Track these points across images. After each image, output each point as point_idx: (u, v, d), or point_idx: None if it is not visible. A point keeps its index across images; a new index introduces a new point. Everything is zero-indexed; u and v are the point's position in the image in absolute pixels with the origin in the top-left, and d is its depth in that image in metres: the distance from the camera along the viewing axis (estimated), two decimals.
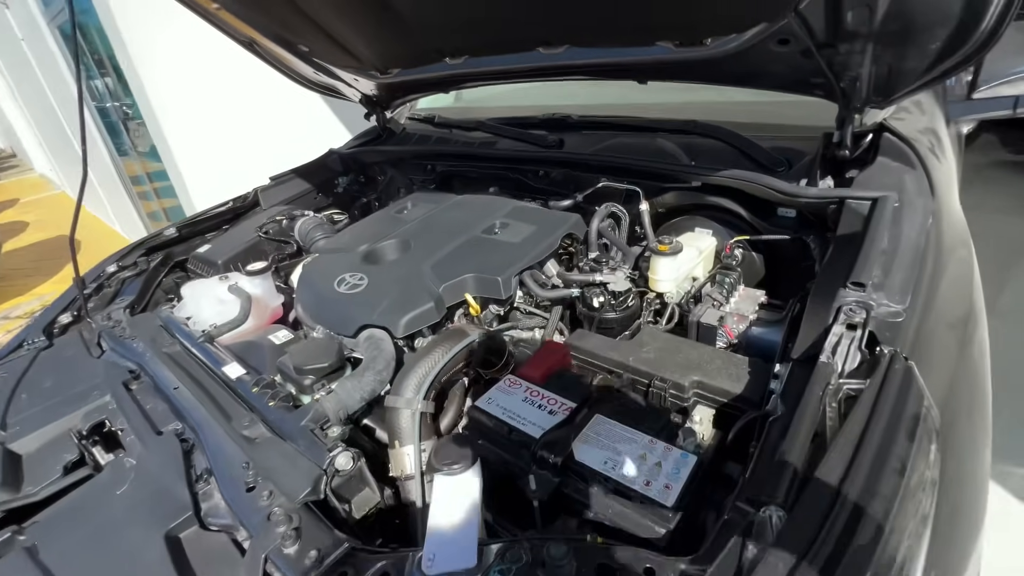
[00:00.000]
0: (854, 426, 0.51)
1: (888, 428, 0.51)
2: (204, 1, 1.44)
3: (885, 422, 0.52)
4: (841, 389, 0.57)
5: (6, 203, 9.09)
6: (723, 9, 0.89)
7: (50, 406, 0.90)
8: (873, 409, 0.53)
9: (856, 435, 0.50)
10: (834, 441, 0.50)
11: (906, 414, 0.53)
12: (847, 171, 1.03)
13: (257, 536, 0.58)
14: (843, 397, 0.57)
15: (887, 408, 0.53)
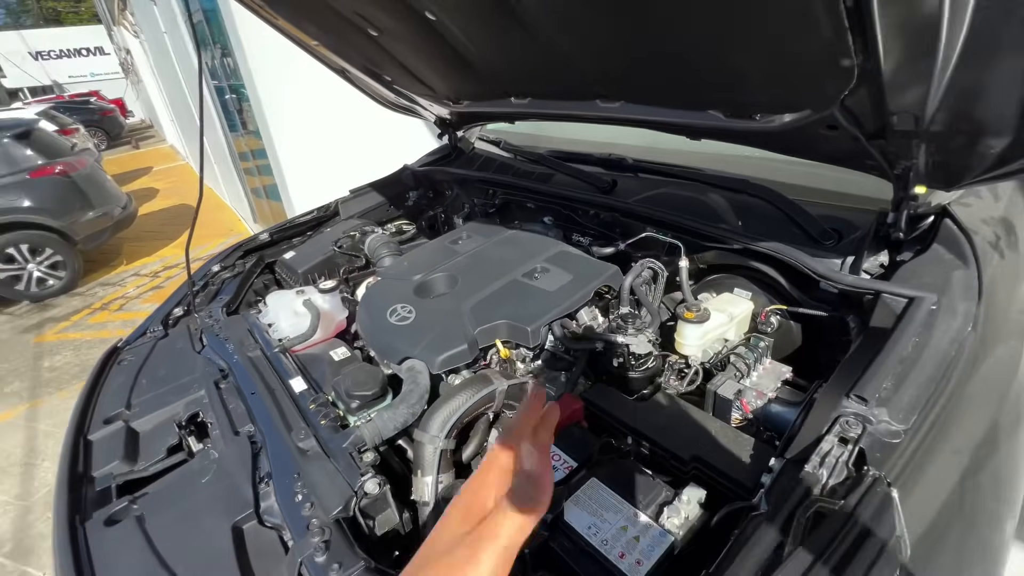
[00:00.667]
0: (812, 547, 0.55)
1: (846, 555, 0.54)
2: (305, 38, 1.63)
3: (845, 548, 0.55)
4: (815, 504, 0.60)
5: (142, 171, 10.50)
6: (769, 94, 0.89)
7: (161, 393, 1.12)
8: (836, 533, 0.56)
9: (809, 558, 0.54)
10: (787, 559, 0.55)
11: (870, 543, 0.56)
12: (902, 252, 1.00)
13: (298, 542, 0.73)
14: (813, 513, 0.60)
15: (851, 534, 0.56)
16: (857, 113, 0.81)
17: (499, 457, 0.49)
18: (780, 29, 0.71)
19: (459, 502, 0.47)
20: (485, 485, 0.47)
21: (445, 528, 0.45)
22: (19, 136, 5.01)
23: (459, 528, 0.44)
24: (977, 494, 0.68)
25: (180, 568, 0.72)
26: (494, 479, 0.48)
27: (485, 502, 0.46)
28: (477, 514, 0.45)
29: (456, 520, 0.45)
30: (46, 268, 5.13)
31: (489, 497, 0.46)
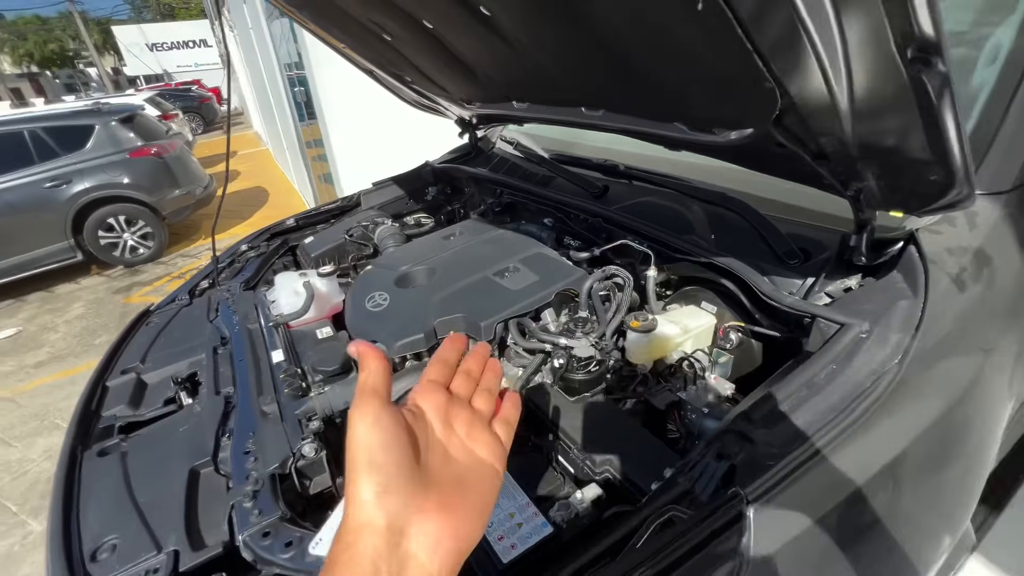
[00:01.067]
0: (643, 551, 0.58)
1: (675, 563, 0.57)
2: (333, 40, 1.77)
3: (678, 555, 0.57)
4: (668, 512, 0.62)
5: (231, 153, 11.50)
6: (714, 110, 0.89)
7: (172, 352, 1.29)
8: (673, 540, 0.58)
9: (637, 560, 0.57)
10: (620, 558, 0.58)
11: (705, 555, 0.58)
12: (867, 277, 0.96)
13: (235, 488, 0.84)
14: (665, 520, 0.62)
15: (688, 544, 0.58)
16: (797, 134, 0.80)
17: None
18: (703, 48, 0.73)
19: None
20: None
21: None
22: (124, 120, 5.69)
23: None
24: (849, 528, 0.66)
25: (142, 498, 0.86)
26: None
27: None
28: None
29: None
30: (138, 238, 5.81)
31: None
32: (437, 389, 0.47)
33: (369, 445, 0.38)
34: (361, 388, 0.42)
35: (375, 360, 0.43)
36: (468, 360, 0.53)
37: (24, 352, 4.48)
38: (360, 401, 0.41)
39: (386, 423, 0.40)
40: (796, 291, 1.00)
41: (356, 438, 0.39)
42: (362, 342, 0.45)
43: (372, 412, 0.40)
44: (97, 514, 0.83)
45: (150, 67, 21.76)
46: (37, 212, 5.24)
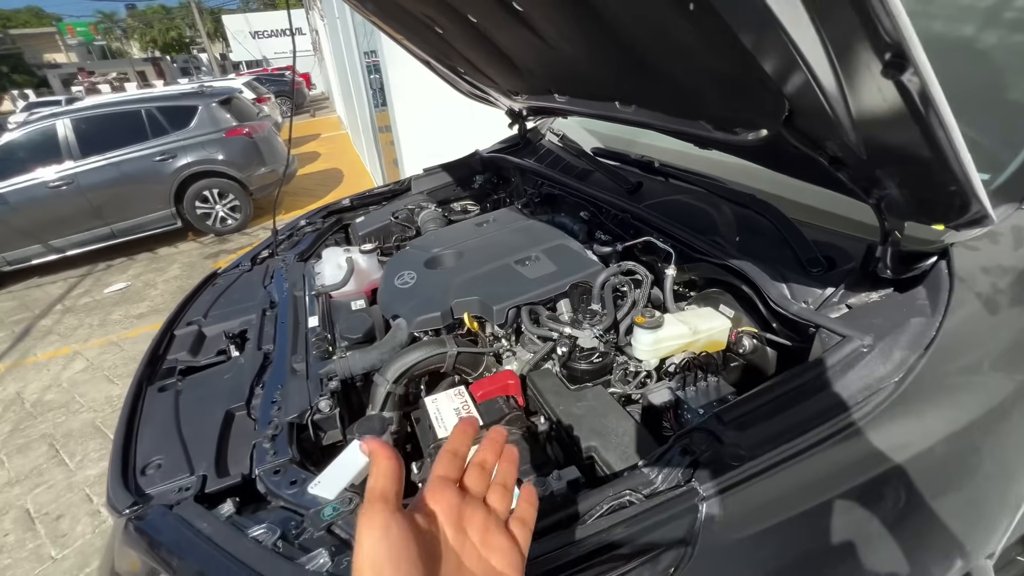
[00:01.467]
0: (590, 528, 0.61)
1: (614, 544, 0.60)
2: (393, 32, 1.88)
3: (618, 537, 0.60)
4: (623, 496, 0.65)
5: (311, 136, 12.29)
6: (730, 109, 0.87)
7: (228, 311, 1.46)
8: (619, 523, 0.61)
9: (580, 535, 0.60)
10: (564, 531, 0.62)
11: (648, 540, 0.60)
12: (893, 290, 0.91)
13: (259, 430, 0.96)
14: (618, 503, 0.65)
15: (634, 528, 0.61)
16: (811, 136, 0.77)
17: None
18: (707, 49, 0.72)
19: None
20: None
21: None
22: (223, 102, 6.27)
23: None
24: (828, 537, 0.64)
25: (186, 429, 1.00)
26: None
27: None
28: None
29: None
30: (228, 210, 6.41)
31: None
32: (448, 487, 0.44)
33: (376, 560, 0.36)
34: (370, 494, 0.39)
35: (385, 460, 0.41)
36: (482, 450, 0.49)
37: (130, 304, 5.13)
38: (368, 509, 0.38)
39: (395, 535, 0.37)
40: (814, 301, 0.96)
41: (363, 551, 0.37)
42: (373, 439, 0.43)
43: (381, 523, 0.37)
44: (151, 438, 0.99)
45: (252, 53, 23.67)
46: (148, 182, 5.93)
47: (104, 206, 5.81)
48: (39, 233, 5.66)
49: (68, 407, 3.66)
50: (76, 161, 5.66)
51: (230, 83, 11.74)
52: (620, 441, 0.89)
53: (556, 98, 1.60)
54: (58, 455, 3.19)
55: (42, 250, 5.75)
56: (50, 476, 3.02)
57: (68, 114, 5.76)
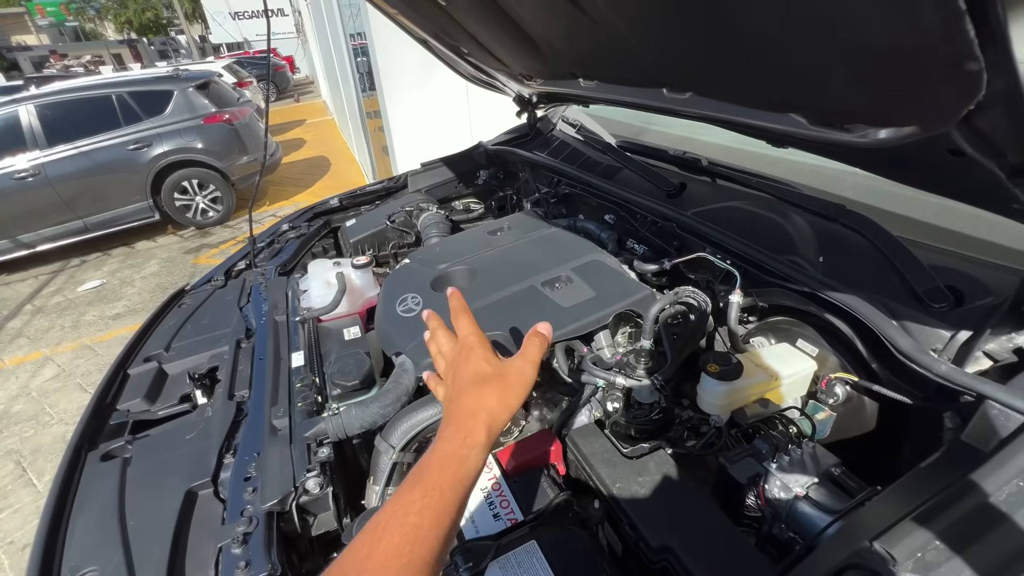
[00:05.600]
0: None
1: None
2: (386, 7, 1.61)
3: None
4: None
5: (296, 122, 11.83)
6: (858, 101, 0.65)
7: (197, 342, 1.22)
8: None
9: None
10: None
11: None
12: None
13: (227, 525, 0.74)
14: None
15: None
16: (992, 137, 0.55)
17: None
18: (865, 13, 0.49)
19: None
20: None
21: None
22: (200, 87, 5.88)
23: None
24: None
25: (132, 519, 0.77)
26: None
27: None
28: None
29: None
30: (208, 201, 6.07)
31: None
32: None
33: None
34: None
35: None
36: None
37: (105, 303, 4.83)
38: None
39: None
40: (943, 346, 0.75)
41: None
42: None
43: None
44: (84, 536, 0.76)
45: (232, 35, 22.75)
46: (121, 173, 5.57)
47: (75, 198, 5.46)
48: (6, 227, 5.30)
49: (37, 419, 3.40)
50: (43, 150, 5.27)
51: (208, 66, 11.19)
52: (703, 539, 0.68)
53: (580, 83, 1.36)
54: (25, 474, 2.94)
55: (10, 245, 5.39)
56: (16, 499, 2.78)
57: (32, 100, 5.35)
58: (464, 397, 0.57)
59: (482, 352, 0.62)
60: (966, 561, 0.47)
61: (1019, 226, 0.70)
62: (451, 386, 0.61)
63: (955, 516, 0.50)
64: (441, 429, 0.56)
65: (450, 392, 0.60)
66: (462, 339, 0.64)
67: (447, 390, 0.62)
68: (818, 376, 0.91)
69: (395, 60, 3.72)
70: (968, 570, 0.47)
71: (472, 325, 0.65)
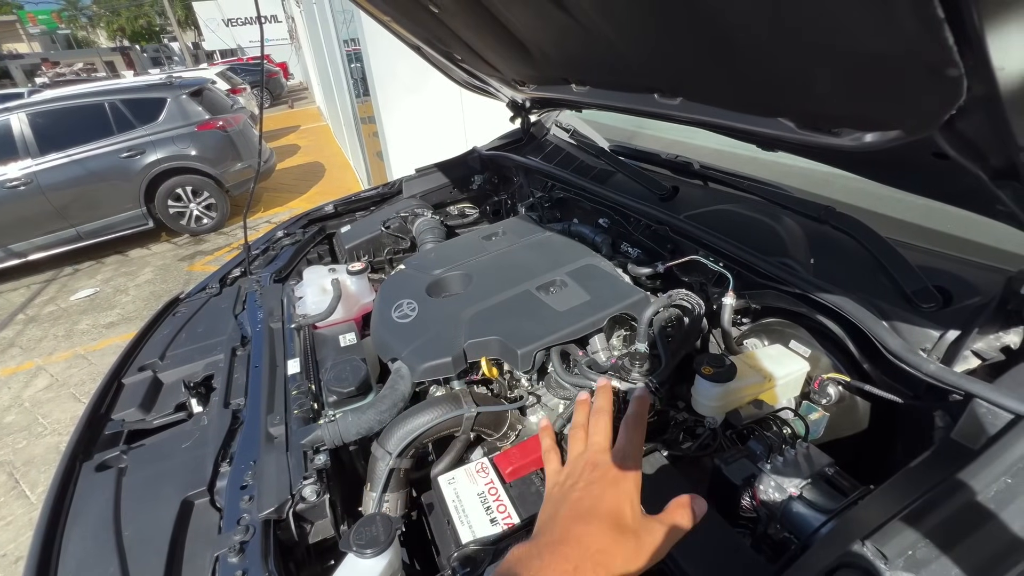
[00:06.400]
0: None
1: None
2: (377, 13, 1.62)
3: None
4: None
5: (290, 128, 11.82)
6: (844, 106, 0.66)
7: (193, 350, 1.22)
8: None
9: None
10: None
11: None
12: None
13: (224, 534, 0.74)
14: None
15: None
16: (974, 141, 0.56)
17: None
18: (848, 19, 0.50)
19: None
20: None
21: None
22: (193, 94, 5.88)
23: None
24: None
25: (127, 530, 0.77)
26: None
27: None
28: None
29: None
30: (203, 208, 6.05)
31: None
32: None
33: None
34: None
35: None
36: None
37: (99, 312, 4.79)
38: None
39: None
40: (932, 346, 0.76)
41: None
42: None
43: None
44: (80, 547, 0.75)
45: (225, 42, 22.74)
46: (115, 181, 5.55)
47: (68, 206, 5.43)
48: None
49: (30, 430, 3.37)
50: (34, 159, 5.25)
51: (201, 73, 11.18)
52: (700, 541, 0.68)
53: (573, 89, 1.37)
54: (18, 486, 2.91)
55: (1, 255, 5.35)
56: (8, 511, 2.75)
57: (23, 108, 5.32)
58: (595, 526, 0.46)
59: (633, 491, 0.51)
60: (956, 558, 0.48)
61: (1004, 226, 0.71)
62: (575, 488, 0.49)
63: (945, 514, 0.51)
64: (554, 537, 0.45)
65: (574, 495, 0.49)
66: (622, 454, 0.52)
67: (564, 481, 0.51)
68: (811, 377, 0.92)
69: (389, 66, 3.73)
70: (958, 567, 0.47)
71: (639, 447, 0.54)
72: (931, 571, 0.47)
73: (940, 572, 0.47)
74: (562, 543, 0.44)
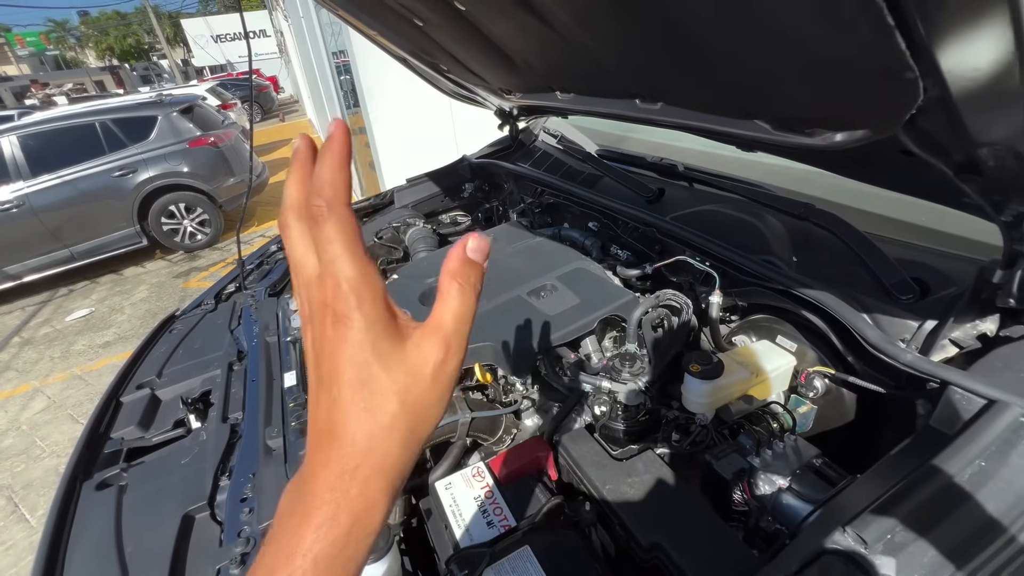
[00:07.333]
0: None
1: None
2: (366, 29, 1.65)
3: None
4: None
5: (282, 142, 11.83)
6: (811, 107, 0.68)
7: (190, 366, 1.23)
8: None
9: None
10: None
11: None
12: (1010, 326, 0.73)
13: (225, 546, 0.75)
14: None
15: None
16: (936, 138, 0.58)
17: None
18: (817, 24, 0.53)
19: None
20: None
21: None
22: (184, 111, 5.89)
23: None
24: None
25: (129, 546, 0.78)
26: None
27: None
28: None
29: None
30: (196, 224, 6.05)
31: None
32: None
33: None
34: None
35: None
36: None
37: (94, 332, 4.78)
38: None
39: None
40: (911, 336, 0.78)
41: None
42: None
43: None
44: (81, 566, 0.76)
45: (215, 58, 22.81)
46: (107, 200, 5.54)
47: (61, 227, 5.41)
48: None
49: (28, 453, 3.35)
50: (26, 181, 5.24)
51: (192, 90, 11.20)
52: (691, 535, 0.70)
53: (558, 96, 1.39)
54: (17, 510, 2.89)
55: None
56: (8, 535, 2.73)
57: (14, 131, 5.32)
58: (342, 415, 0.27)
59: (361, 331, 0.27)
60: (933, 540, 0.50)
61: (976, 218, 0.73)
62: (313, 374, 0.28)
63: (922, 498, 0.53)
64: (295, 484, 0.28)
65: (314, 391, 0.28)
66: (325, 272, 0.27)
67: (310, 366, 0.29)
68: (798, 371, 0.94)
69: (378, 77, 3.76)
70: (935, 548, 0.49)
71: (346, 236, 0.26)
72: (909, 553, 0.49)
73: (918, 554, 0.49)
74: (314, 486, 0.27)
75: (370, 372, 0.27)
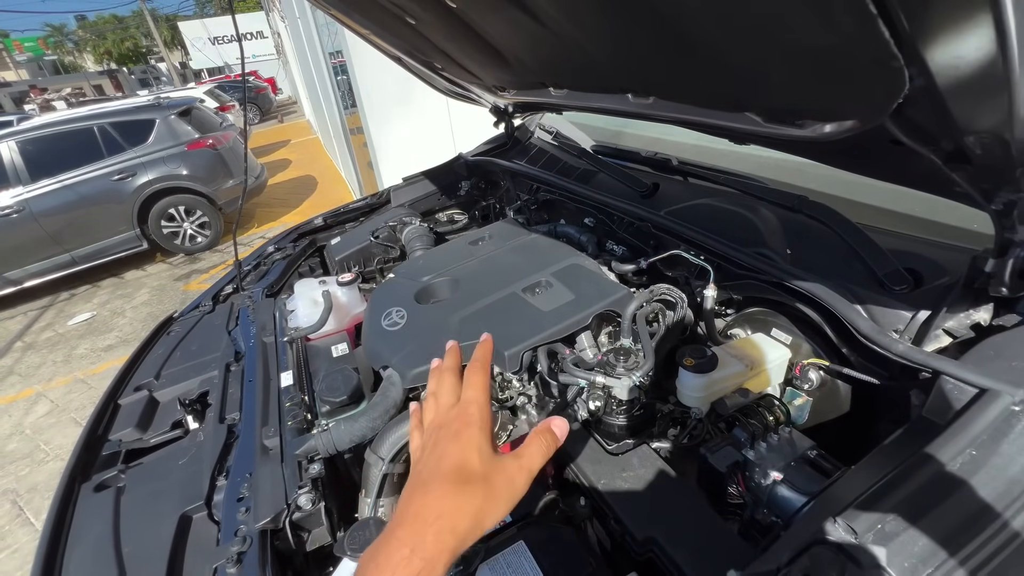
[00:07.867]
0: None
1: None
2: (359, 28, 1.65)
3: None
4: None
5: (281, 143, 11.84)
6: (801, 98, 0.68)
7: (187, 368, 1.23)
8: None
9: None
10: None
11: None
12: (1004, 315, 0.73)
13: (222, 545, 0.75)
14: None
15: None
16: (925, 128, 0.58)
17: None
18: (802, 16, 0.53)
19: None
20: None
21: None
22: (182, 114, 5.90)
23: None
24: None
25: (127, 547, 0.79)
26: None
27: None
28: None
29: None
30: (196, 227, 6.06)
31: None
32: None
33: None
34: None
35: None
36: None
37: (96, 336, 4.80)
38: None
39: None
40: (904, 326, 0.78)
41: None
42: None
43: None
44: (79, 567, 0.77)
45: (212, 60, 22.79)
46: (107, 204, 5.56)
47: (61, 232, 5.43)
48: None
49: (32, 457, 3.37)
50: (26, 186, 5.26)
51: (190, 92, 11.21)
52: (686, 528, 0.70)
53: (551, 92, 1.39)
54: (22, 514, 2.91)
55: None
56: (13, 539, 2.75)
57: (13, 136, 5.33)
58: (433, 491, 0.43)
59: (478, 435, 0.47)
60: (924, 528, 0.50)
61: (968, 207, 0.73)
62: (424, 457, 0.48)
63: (913, 487, 0.53)
64: (394, 522, 0.43)
65: (420, 466, 0.47)
66: (463, 402, 0.50)
67: (419, 454, 0.50)
68: (793, 363, 0.94)
69: (375, 76, 3.76)
70: (926, 537, 0.49)
71: (483, 389, 0.51)
72: (899, 542, 0.49)
73: (908, 543, 0.49)
74: (398, 526, 0.42)
75: (470, 461, 0.46)
